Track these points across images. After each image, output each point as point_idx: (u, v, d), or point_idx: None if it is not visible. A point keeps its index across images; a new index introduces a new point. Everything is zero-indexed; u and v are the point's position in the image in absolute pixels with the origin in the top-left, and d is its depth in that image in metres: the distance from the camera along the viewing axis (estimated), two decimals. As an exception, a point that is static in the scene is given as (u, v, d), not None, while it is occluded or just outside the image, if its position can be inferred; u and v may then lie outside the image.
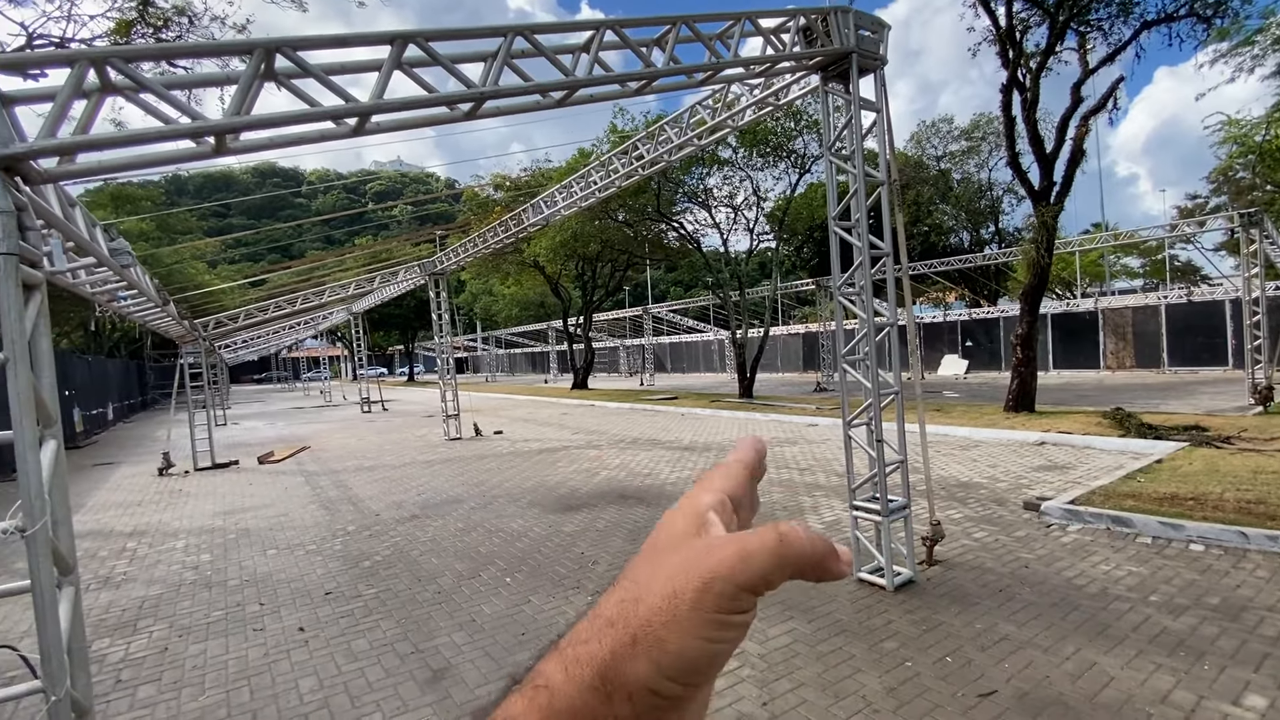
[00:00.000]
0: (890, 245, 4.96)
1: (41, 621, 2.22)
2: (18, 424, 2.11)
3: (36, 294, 2.30)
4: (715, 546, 0.33)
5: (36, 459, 2.18)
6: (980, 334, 28.32)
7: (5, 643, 2.65)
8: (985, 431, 11.35)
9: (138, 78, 2.37)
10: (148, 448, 16.67)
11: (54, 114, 2.25)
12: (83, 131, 2.39)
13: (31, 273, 2.25)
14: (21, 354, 2.12)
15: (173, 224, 34.26)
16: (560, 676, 0.32)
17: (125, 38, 12.67)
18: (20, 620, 5.07)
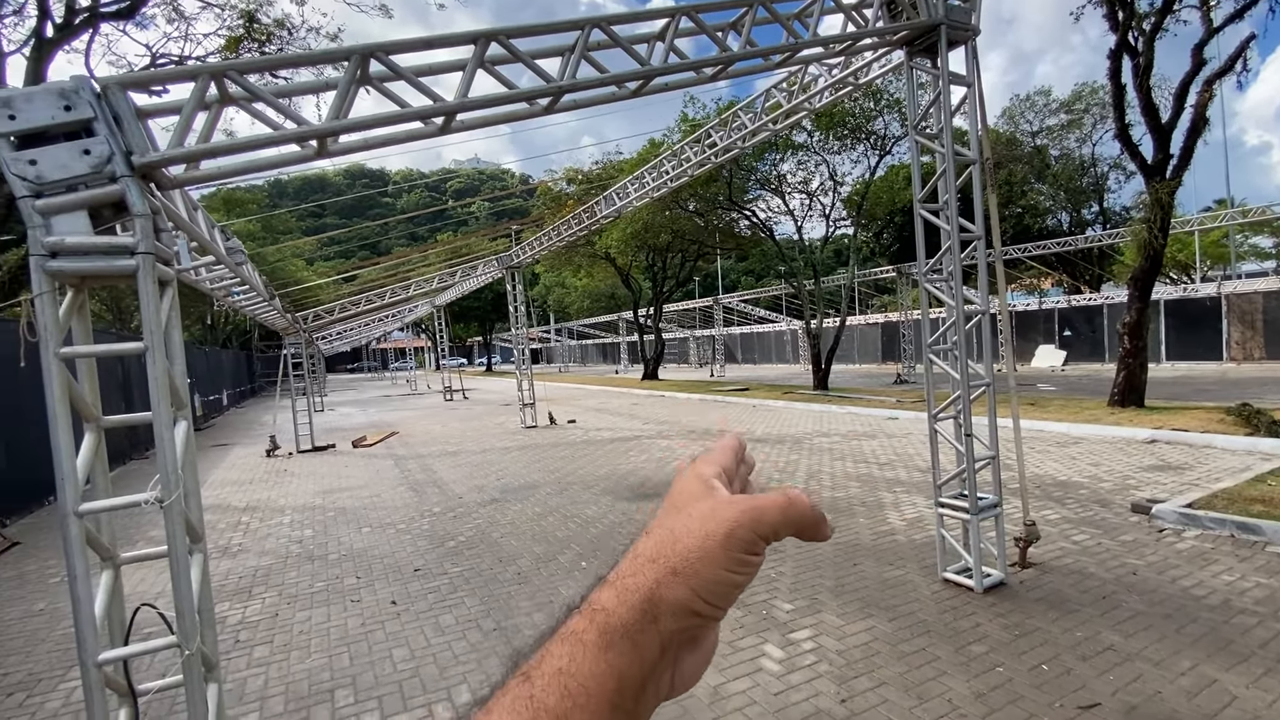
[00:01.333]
0: (982, 228, 4.67)
1: (176, 583, 2.47)
2: (156, 406, 2.35)
3: (169, 289, 2.55)
4: (736, 501, 0.42)
5: (171, 437, 2.42)
6: (1080, 322, 26.28)
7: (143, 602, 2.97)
8: (1086, 427, 10.55)
9: (252, 88, 2.57)
10: (257, 431, 18.17)
11: (182, 124, 2.47)
12: (205, 140, 2.61)
13: (165, 270, 2.49)
14: (159, 344, 2.36)
15: (275, 224, 37.02)
16: (614, 601, 0.38)
17: (234, 53, 13.75)
18: (155, 584, 5.67)
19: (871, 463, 9.20)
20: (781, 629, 4.19)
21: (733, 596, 0.40)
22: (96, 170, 2.31)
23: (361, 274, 27.86)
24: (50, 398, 2.27)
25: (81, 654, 2.33)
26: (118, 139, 2.33)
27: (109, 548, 2.63)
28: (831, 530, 0.44)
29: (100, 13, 11.93)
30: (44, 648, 4.62)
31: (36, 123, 2.26)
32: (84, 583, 2.33)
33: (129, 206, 2.36)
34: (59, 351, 2.28)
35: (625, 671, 0.37)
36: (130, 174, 2.33)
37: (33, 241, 2.27)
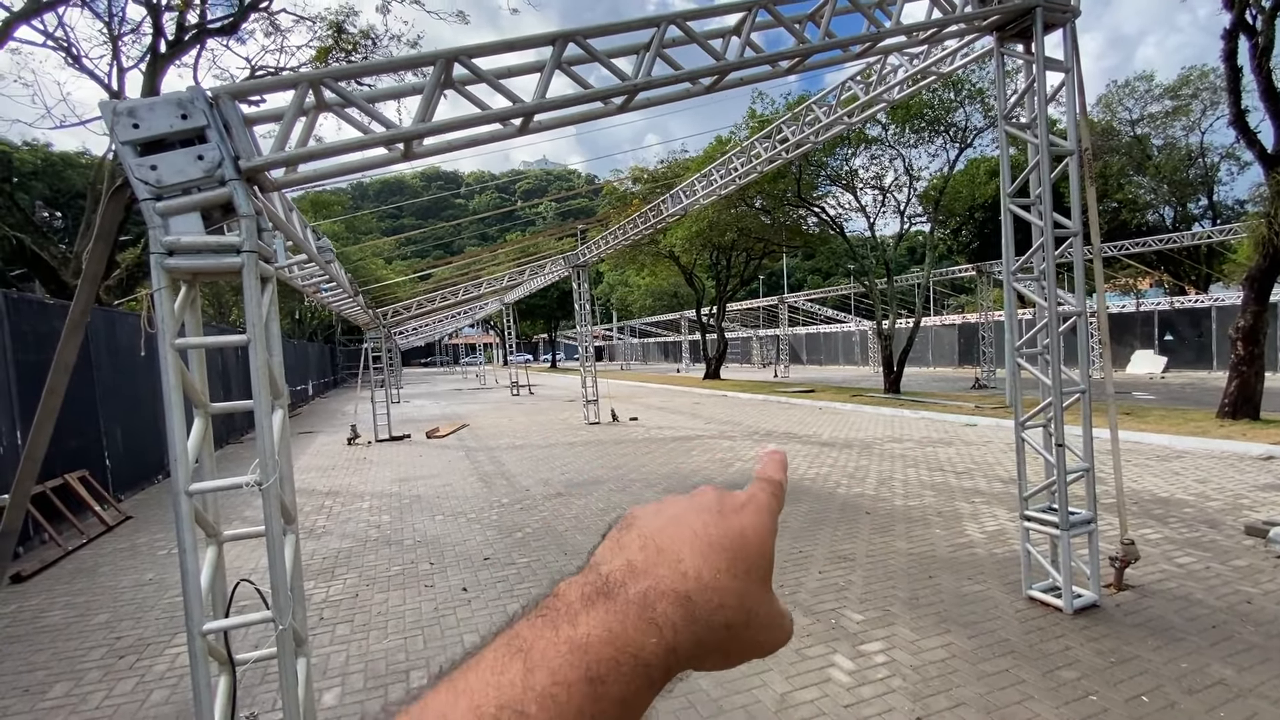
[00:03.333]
0: (1079, 223, 4.36)
1: (273, 562, 2.64)
2: (258, 394, 2.51)
3: (269, 285, 2.72)
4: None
5: (270, 424, 2.58)
6: (1184, 326, 24.20)
7: (244, 578, 3.19)
8: (1191, 440, 9.69)
9: (346, 95, 2.70)
10: (339, 420, 19.23)
11: (283, 131, 2.63)
12: (302, 145, 2.77)
13: (266, 267, 2.66)
14: (260, 336, 2.52)
15: (357, 225, 39.07)
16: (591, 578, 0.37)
17: (323, 62, 14.57)
18: (248, 560, 6.08)
19: (948, 471, 8.78)
20: (852, 640, 4.06)
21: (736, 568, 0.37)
22: (209, 174, 2.48)
23: (436, 272, 28.98)
24: (166, 385, 2.46)
25: (189, 623, 2.52)
26: (227, 145, 2.50)
27: (214, 525, 2.84)
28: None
29: (207, 29, 12.91)
30: (152, 615, 5.04)
31: (157, 130, 2.45)
32: (192, 557, 2.52)
33: (236, 208, 2.53)
34: (175, 343, 2.47)
35: (608, 649, 0.32)
36: (238, 177, 2.50)
37: (153, 241, 2.46)
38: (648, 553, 0.37)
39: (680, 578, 0.35)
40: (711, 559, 0.36)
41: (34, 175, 26.28)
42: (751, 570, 0.38)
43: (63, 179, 27.20)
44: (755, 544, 0.39)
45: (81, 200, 16.84)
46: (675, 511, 0.40)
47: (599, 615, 0.33)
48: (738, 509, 0.41)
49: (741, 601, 0.36)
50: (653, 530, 0.38)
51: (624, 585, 0.35)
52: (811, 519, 6.71)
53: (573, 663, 0.31)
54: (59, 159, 28.10)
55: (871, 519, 6.62)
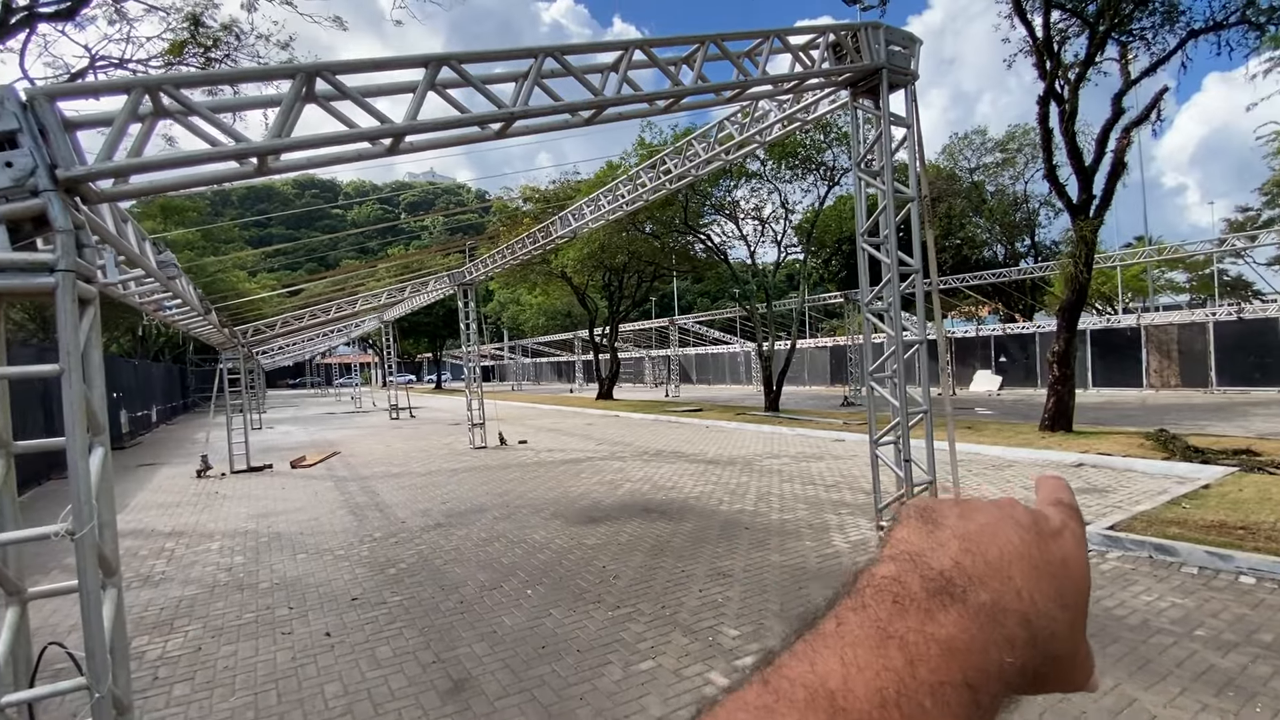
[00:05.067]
0: (920, 261, 4.90)
1: (87, 621, 2.31)
2: (70, 433, 2.21)
3: (90, 308, 2.42)
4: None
5: (86, 465, 2.28)
6: (1015, 350, 27.65)
7: (52, 640, 2.76)
8: (1019, 451, 11.05)
9: (188, 103, 2.49)
10: (187, 450, 17.22)
11: (111, 138, 2.37)
12: (137, 154, 2.51)
13: (86, 288, 2.37)
14: (75, 365, 2.23)
15: (217, 234, 35.53)
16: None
17: (178, 57, 13.27)
18: (67, 615, 5.26)
19: (819, 485, 9.39)
20: (727, 656, 4.20)
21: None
22: (18, 183, 2.19)
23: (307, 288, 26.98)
24: (-51, 423, 2.11)
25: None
26: (42, 151, 2.22)
27: (15, 582, 2.46)
28: None
29: (38, 12, 11.35)
30: (-69, 691, 4.22)
31: (-51, 131, 2.13)
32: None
33: (50, 221, 2.25)
34: (-38, 374, 2.13)
35: (977, 658, 0.30)
36: (54, 188, 2.22)
37: (-62, 256, 2.12)
38: (975, 560, 0.34)
39: (1016, 597, 0.33)
40: (1041, 584, 0.34)
41: None
42: (1078, 604, 0.36)
43: None
44: (1079, 575, 0.37)
45: None
46: (987, 520, 0.37)
47: (954, 617, 0.31)
48: (1056, 534, 0.38)
49: (1070, 634, 0.35)
50: (972, 535, 0.35)
51: (967, 591, 0.32)
52: (694, 537, 6.90)
53: (949, 664, 0.29)
54: None
55: (750, 534, 6.92)
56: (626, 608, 5.04)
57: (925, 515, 0.38)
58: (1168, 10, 11.68)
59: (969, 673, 0.29)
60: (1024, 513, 0.38)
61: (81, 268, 2.33)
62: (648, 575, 5.77)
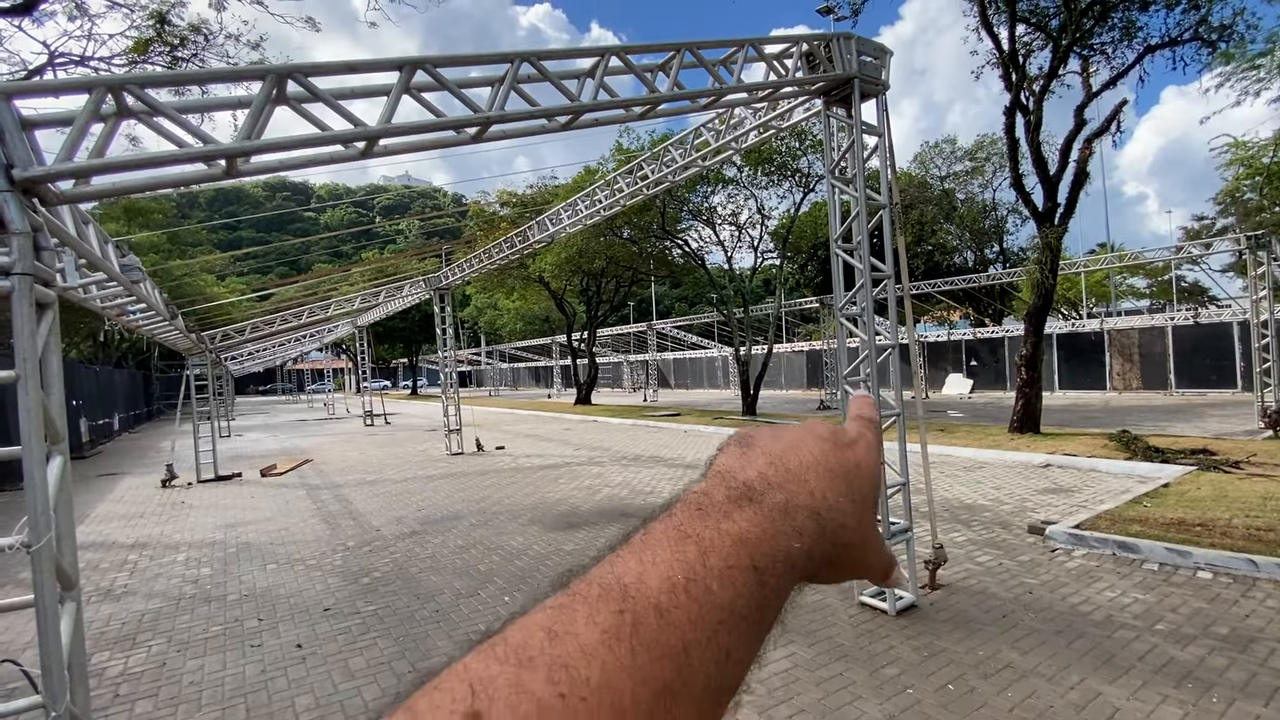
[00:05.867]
0: (892, 267, 4.99)
1: (43, 637, 2.23)
2: (26, 442, 2.14)
3: (48, 312, 2.35)
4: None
5: (43, 475, 2.20)
6: (985, 353, 28.26)
7: (7, 656, 2.66)
8: (990, 453, 11.29)
9: (153, 103, 2.43)
10: (152, 459, 16.73)
11: (71, 138, 2.30)
12: (99, 154, 2.45)
13: (44, 291, 2.30)
14: (32, 372, 2.16)
15: (183, 237, 34.66)
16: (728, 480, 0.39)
17: (143, 55, 12.93)
18: (22, 632, 5.07)
19: (795, 488, 9.46)
20: (705, 659, 4.21)
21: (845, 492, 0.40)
22: (-33, 183, 2.12)
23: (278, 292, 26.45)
24: (-105, 432, 2.03)
25: (-81, 724, 2.06)
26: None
27: (-39, 599, 2.35)
28: None
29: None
30: (-125, 714, 4.03)
31: (-103, 128, 2.05)
32: (-73, 641, 2.07)
33: (6, 224, 2.17)
34: (-90, 381, 2.05)
35: (766, 545, 0.34)
36: (10, 189, 2.16)
37: (-116, 258, 2.04)
38: (778, 470, 0.39)
39: (809, 496, 0.38)
40: (834, 484, 0.40)
41: None
42: (866, 498, 0.42)
43: None
44: (868, 475, 0.43)
45: None
46: (793, 438, 0.42)
47: (750, 515, 0.35)
48: (850, 443, 0.44)
49: (859, 525, 0.40)
50: (778, 451, 0.40)
51: (764, 494, 0.37)
52: (672, 542, 6.90)
53: (739, 552, 0.33)
54: None
55: (728, 538, 6.95)
56: (604, 613, 5.02)
57: (741, 440, 0.43)
58: (1126, 26, 12.10)
59: (757, 558, 0.34)
60: (825, 428, 0.45)
61: (39, 271, 2.26)
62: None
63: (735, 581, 0.32)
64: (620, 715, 0.26)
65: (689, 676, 0.29)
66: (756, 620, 0.33)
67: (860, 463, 0.43)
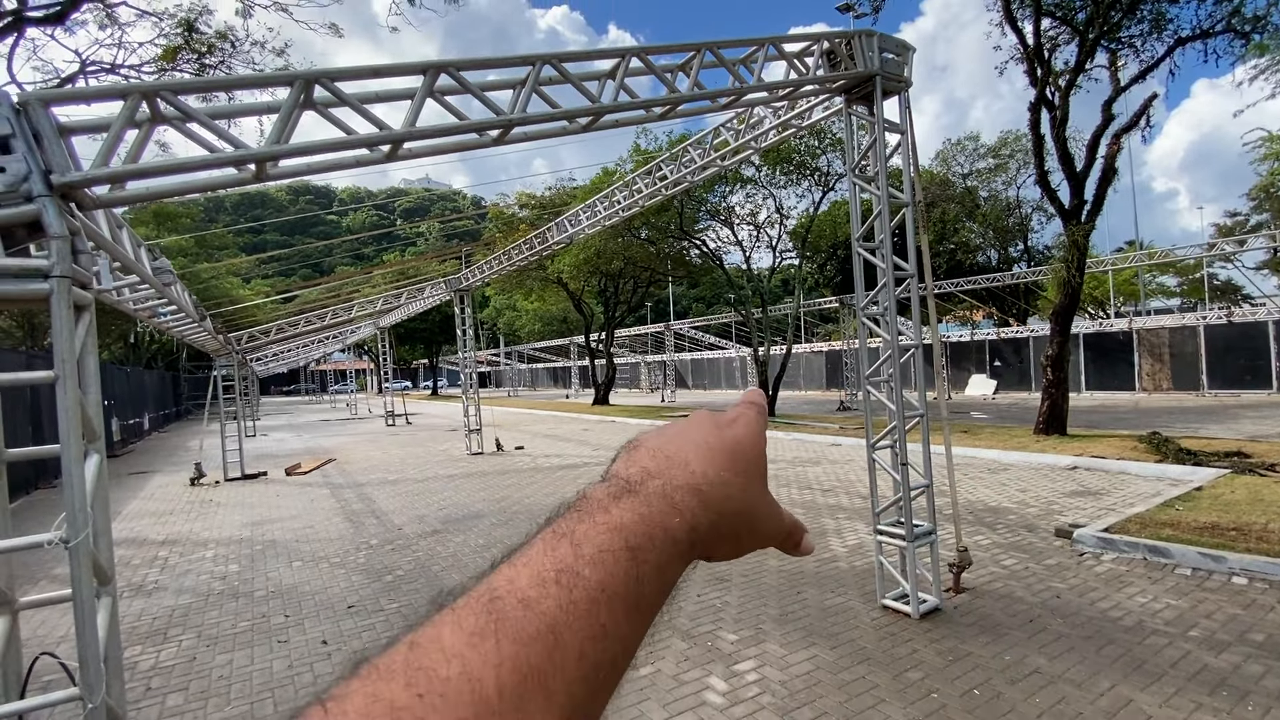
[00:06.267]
0: (915, 266, 4.92)
1: (81, 630, 2.29)
2: (65, 439, 2.20)
3: (85, 314, 2.41)
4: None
5: (81, 472, 2.26)
6: (1009, 353, 27.78)
7: (44, 650, 2.74)
8: (1015, 454, 11.09)
9: (185, 109, 2.49)
10: (181, 457, 17.10)
11: (107, 144, 2.37)
12: (133, 160, 2.51)
13: (82, 294, 2.36)
14: (71, 372, 2.21)
15: (210, 240, 35.41)
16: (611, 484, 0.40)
17: (171, 63, 13.24)
18: (57, 626, 5.22)
19: (815, 489, 9.40)
20: (726, 660, 4.20)
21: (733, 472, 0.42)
22: (11, 189, 2.18)
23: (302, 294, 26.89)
24: (-57, 431, 2.10)
25: (-35, 712, 2.13)
26: (36, 157, 2.22)
27: (5, 592, 2.43)
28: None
29: (26, 17, 11.32)
30: (-79, 703, 4.17)
31: (-56, 137, 2.12)
32: (-27, 633, 2.14)
33: (45, 228, 2.24)
34: (-44, 381, 2.12)
35: (640, 526, 0.36)
36: (48, 194, 2.22)
37: (-68, 262, 2.11)
38: (658, 460, 0.41)
39: (690, 475, 0.40)
40: (714, 461, 0.42)
41: None
42: (749, 470, 0.44)
43: None
44: (750, 449, 0.45)
45: None
46: (676, 430, 0.45)
47: (628, 504, 0.37)
48: (730, 423, 0.47)
49: (744, 494, 0.42)
50: (659, 444, 0.43)
51: (644, 484, 0.39)
52: (692, 543, 6.88)
53: (612, 538, 0.35)
54: None
55: (747, 540, 6.91)
56: (624, 613, 5.02)
57: (629, 445, 0.45)
58: (1155, 18, 11.82)
59: (631, 539, 0.35)
60: (706, 415, 0.47)
61: (77, 274, 2.32)
62: (645, 581, 5.76)
63: (607, 563, 0.33)
64: (484, 703, 0.26)
65: (561, 656, 0.29)
66: (635, 596, 0.34)
67: (741, 438, 0.45)
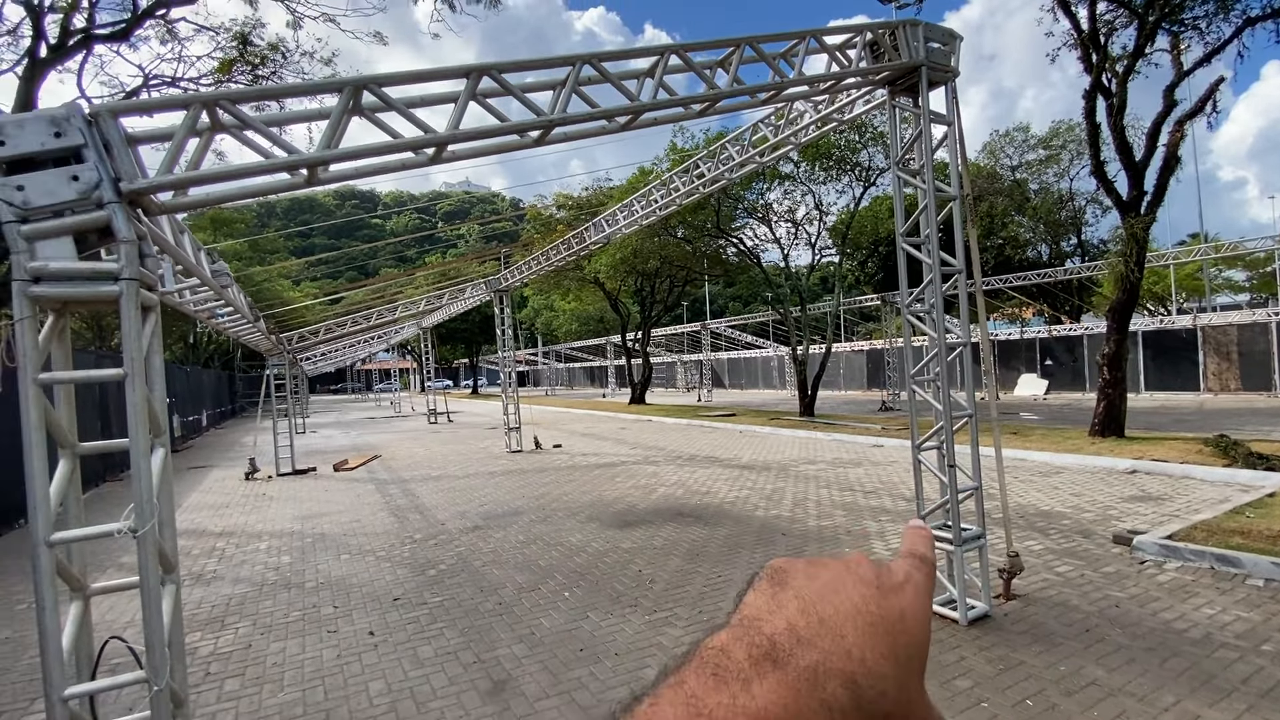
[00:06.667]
0: (963, 261, 4.78)
1: (147, 616, 2.41)
2: (134, 434, 2.31)
3: (151, 315, 2.53)
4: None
5: (148, 465, 2.38)
6: (1061, 352, 26.70)
7: (112, 634, 2.89)
8: (1068, 457, 10.66)
9: (243, 117, 2.59)
10: (236, 453, 17.85)
11: (171, 152, 2.48)
12: (194, 167, 2.63)
13: (148, 295, 2.48)
14: (139, 370, 2.33)
15: (262, 245, 36.84)
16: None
17: (227, 75, 13.82)
18: (124, 612, 5.50)
19: (857, 491, 9.21)
20: (766, 662, 4.14)
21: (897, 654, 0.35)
22: (84, 196, 2.30)
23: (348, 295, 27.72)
24: (27, 425, 2.23)
25: (47, 689, 2.26)
26: (106, 166, 2.34)
27: (79, 578, 2.57)
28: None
29: (94, 35, 11.97)
30: (8, 678, 4.46)
31: (26, 149, 2.26)
32: (52, 615, 2.27)
33: (115, 232, 2.36)
34: (38, 378, 2.25)
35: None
36: (118, 200, 2.33)
37: (16, 267, 2.25)
38: (809, 620, 0.35)
39: (845, 657, 0.33)
40: (875, 641, 0.34)
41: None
42: (912, 658, 0.36)
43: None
44: (916, 629, 0.37)
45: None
46: (830, 577, 0.38)
47: (772, 685, 0.31)
48: (897, 588, 0.38)
49: (901, 692, 0.34)
50: (811, 596, 0.36)
51: (791, 655, 0.33)
52: (730, 543, 6.84)
53: None
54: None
55: (787, 540, 6.83)
56: (664, 611, 5.03)
57: (774, 576, 0.38)
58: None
59: None
60: (869, 567, 0.39)
61: (144, 276, 2.44)
62: (684, 579, 5.74)
63: None
64: None
65: None
66: None
67: (906, 612, 0.37)
